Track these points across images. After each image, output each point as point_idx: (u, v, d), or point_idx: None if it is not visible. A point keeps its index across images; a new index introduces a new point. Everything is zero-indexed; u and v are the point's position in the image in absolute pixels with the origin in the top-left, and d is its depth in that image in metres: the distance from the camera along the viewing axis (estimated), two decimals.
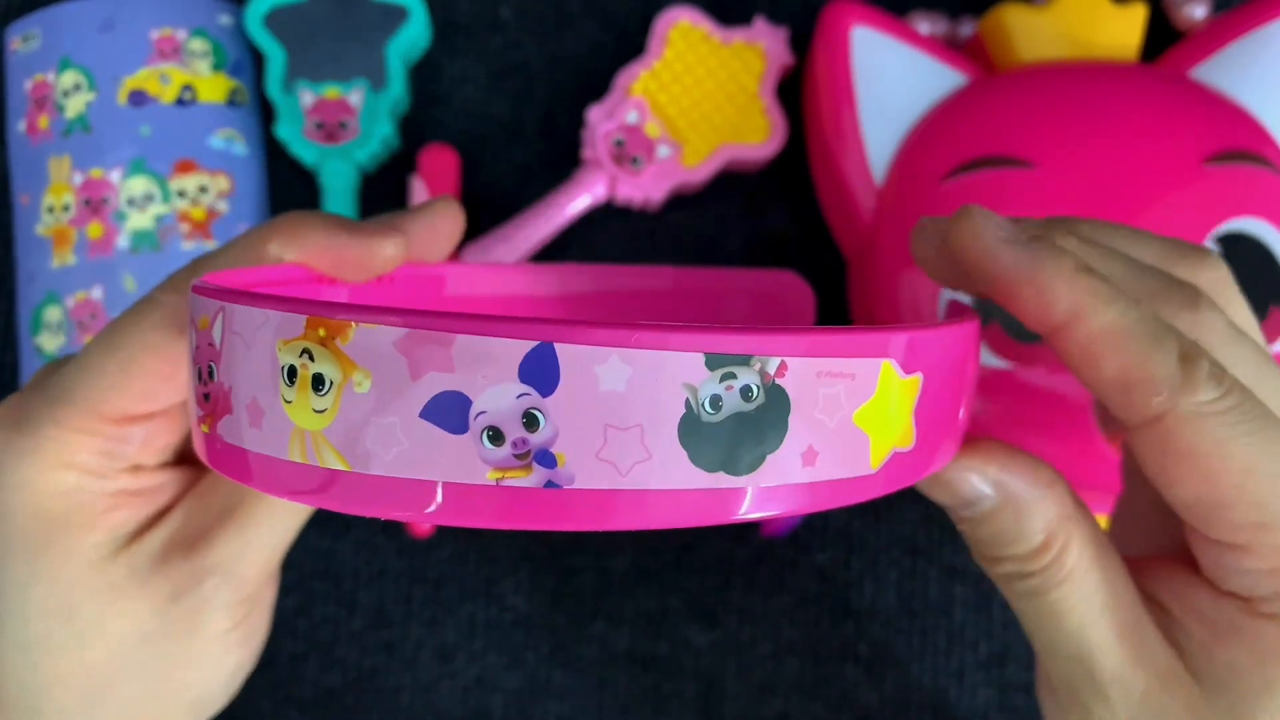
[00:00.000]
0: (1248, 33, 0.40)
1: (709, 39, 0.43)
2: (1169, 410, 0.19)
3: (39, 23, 0.43)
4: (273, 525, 0.24)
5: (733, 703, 0.41)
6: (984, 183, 0.37)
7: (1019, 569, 0.22)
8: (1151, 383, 0.19)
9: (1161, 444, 0.20)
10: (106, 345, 0.23)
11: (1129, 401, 0.20)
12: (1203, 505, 0.20)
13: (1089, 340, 0.20)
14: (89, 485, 0.23)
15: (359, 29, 0.43)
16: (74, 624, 0.23)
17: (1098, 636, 0.21)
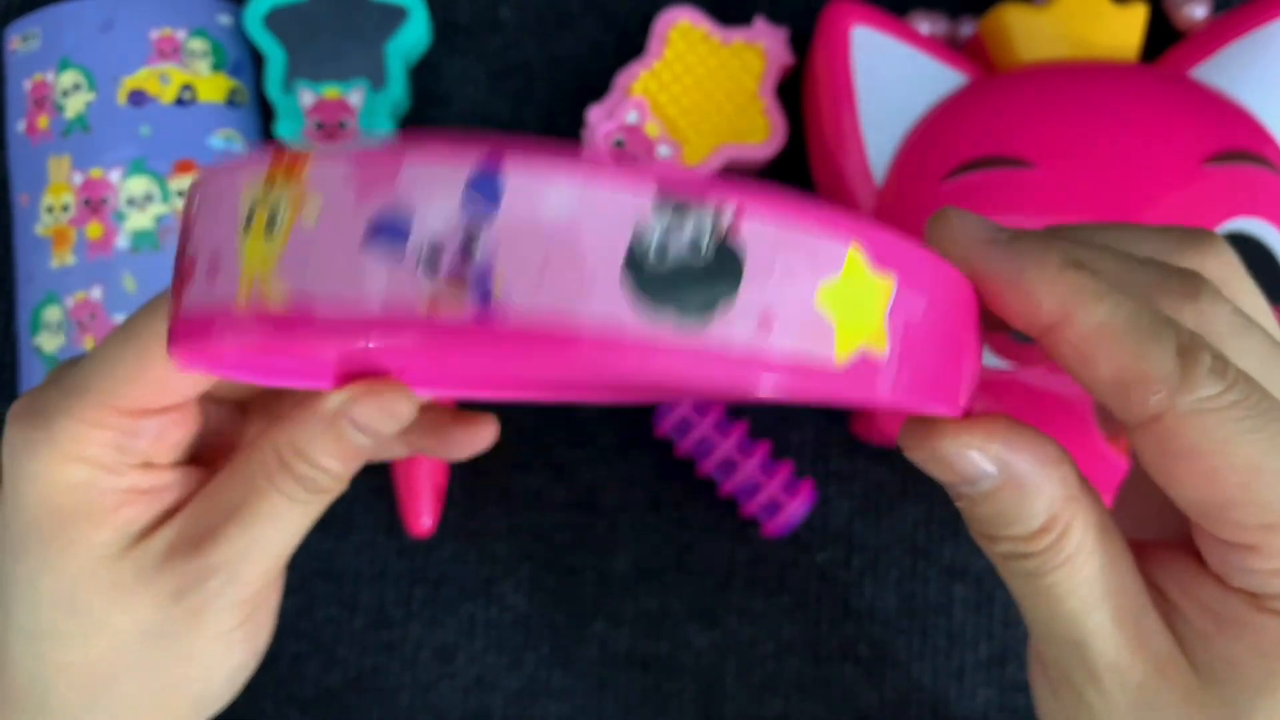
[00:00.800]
0: (1248, 33, 0.40)
1: (709, 39, 0.43)
2: (1168, 409, 0.18)
3: (38, 22, 0.43)
4: (277, 524, 0.24)
5: (733, 703, 0.41)
6: (984, 183, 0.37)
7: (1017, 549, 0.20)
8: (1149, 381, 0.18)
9: (1162, 444, 0.19)
10: (122, 338, 0.23)
11: (1126, 402, 0.19)
12: (1207, 505, 0.20)
13: (1080, 340, 0.19)
14: (100, 480, 0.24)
15: (359, 29, 0.43)
16: (79, 618, 0.24)
17: (1095, 622, 0.21)
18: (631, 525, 0.42)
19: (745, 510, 0.41)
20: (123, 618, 0.24)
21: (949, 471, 0.20)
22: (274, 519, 0.24)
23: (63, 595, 0.24)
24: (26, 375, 0.42)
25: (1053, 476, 0.20)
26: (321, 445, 0.23)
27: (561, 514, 0.42)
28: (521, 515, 0.42)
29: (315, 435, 0.23)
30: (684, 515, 0.42)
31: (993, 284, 0.19)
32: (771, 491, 0.40)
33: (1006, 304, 0.19)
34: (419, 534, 0.41)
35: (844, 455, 0.43)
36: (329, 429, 0.23)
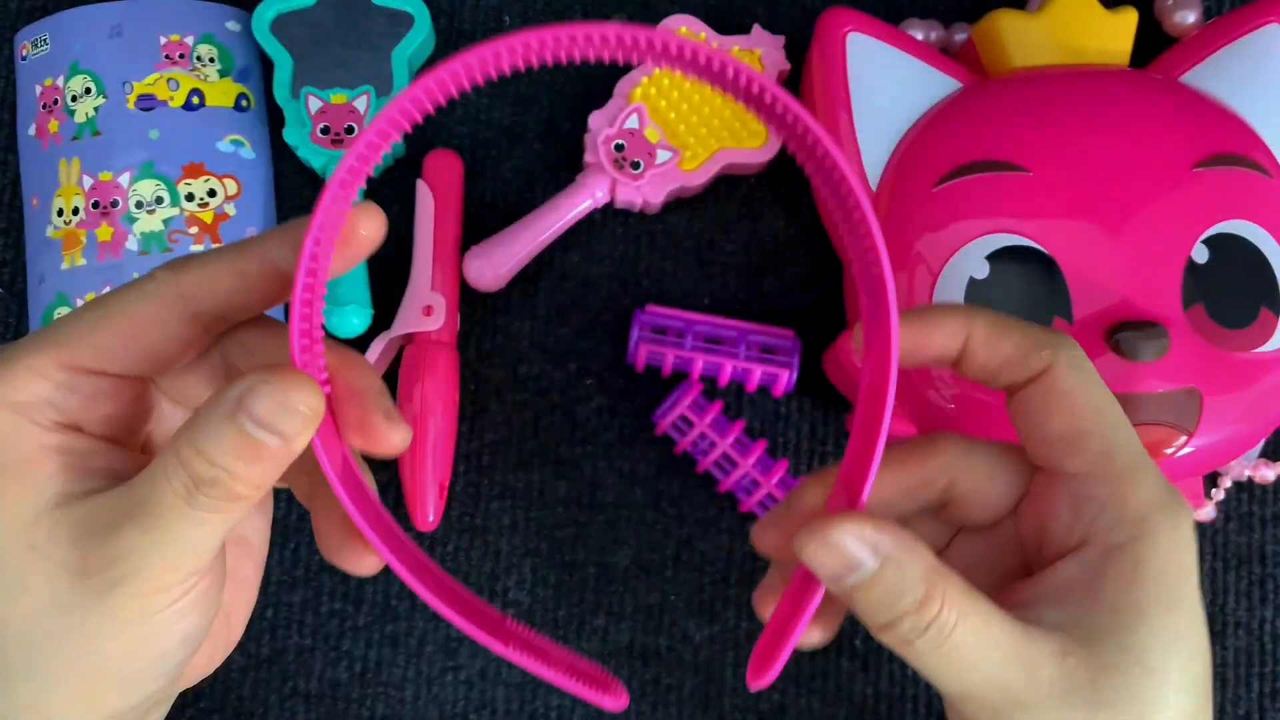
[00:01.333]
0: (1238, 38, 0.40)
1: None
2: (1052, 363, 0.25)
3: (49, 28, 0.44)
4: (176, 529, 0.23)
5: (731, 696, 0.42)
6: (977, 187, 0.37)
7: (915, 622, 0.24)
8: (1039, 344, 0.25)
9: (1047, 388, 0.25)
10: (94, 302, 0.24)
11: (1023, 364, 0.26)
12: (1067, 437, 0.25)
13: (986, 334, 0.26)
14: (25, 430, 0.23)
15: (365, 35, 0.43)
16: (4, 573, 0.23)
17: (1001, 654, 0.24)
18: (632, 521, 0.43)
19: (743, 506, 0.42)
20: (38, 581, 0.23)
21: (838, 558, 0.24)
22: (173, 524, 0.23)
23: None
24: None
25: (915, 548, 0.24)
26: (219, 442, 0.22)
27: (563, 510, 0.43)
28: (523, 511, 0.43)
29: (214, 430, 0.22)
30: (683, 511, 0.43)
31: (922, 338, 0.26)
32: (768, 489, 0.41)
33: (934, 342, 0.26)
34: (423, 529, 0.42)
35: (839, 452, 0.43)
36: (229, 424, 0.22)
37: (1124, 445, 0.25)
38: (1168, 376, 0.35)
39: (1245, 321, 0.36)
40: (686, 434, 0.42)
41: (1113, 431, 0.25)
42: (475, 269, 0.42)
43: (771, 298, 0.44)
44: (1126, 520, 0.25)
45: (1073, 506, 0.26)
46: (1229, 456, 0.37)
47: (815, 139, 0.23)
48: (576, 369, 0.44)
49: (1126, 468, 0.25)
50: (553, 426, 0.43)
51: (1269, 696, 0.42)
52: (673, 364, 0.42)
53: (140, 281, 0.24)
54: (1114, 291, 0.36)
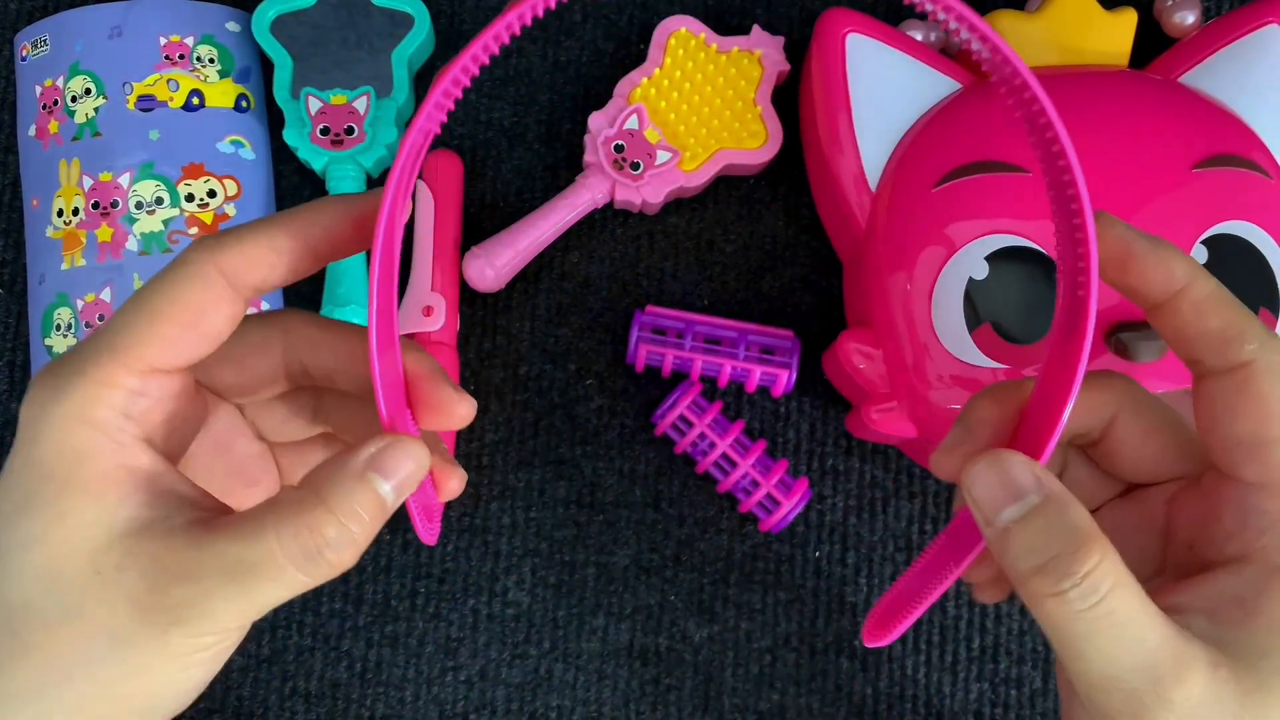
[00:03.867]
0: (1237, 39, 0.40)
1: (707, 47, 0.43)
2: (1255, 359, 0.24)
3: (49, 29, 0.44)
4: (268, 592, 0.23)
5: (731, 695, 0.42)
6: (977, 188, 0.37)
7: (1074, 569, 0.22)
8: (1246, 335, 0.24)
9: (1240, 385, 0.24)
10: (135, 301, 0.24)
11: (1225, 349, 0.24)
12: (1252, 443, 0.24)
13: (1200, 299, 0.24)
14: (101, 448, 0.23)
15: (365, 36, 0.43)
16: (57, 597, 0.23)
17: (1155, 638, 0.23)
18: (632, 521, 0.43)
19: (742, 507, 0.42)
20: (96, 608, 0.23)
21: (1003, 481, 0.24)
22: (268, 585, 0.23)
23: (48, 569, 0.23)
24: None
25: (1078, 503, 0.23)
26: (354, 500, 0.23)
27: (563, 510, 0.43)
28: (523, 512, 0.43)
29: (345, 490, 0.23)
30: (683, 512, 0.43)
31: (1142, 262, 0.25)
32: (767, 489, 0.41)
33: (1148, 275, 0.25)
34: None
35: (839, 453, 0.43)
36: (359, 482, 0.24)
37: None
38: (1167, 377, 0.36)
39: None
40: (686, 434, 0.42)
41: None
42: (475, 269, 0.42)
43: (771, 298, 0.44)
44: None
45: (1240, 516, 0.25)
46: None
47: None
48: (576, 369, 0.44)
49: None
50: (553, 426, 0.43)
51: None
52: (672, 364, 0.42)
53: (176, 267, 0.24)
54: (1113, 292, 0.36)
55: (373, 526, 0.24)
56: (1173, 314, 0.25)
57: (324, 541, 0.23)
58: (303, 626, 0.42)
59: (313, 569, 0.23)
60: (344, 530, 0.23)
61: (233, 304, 0.25)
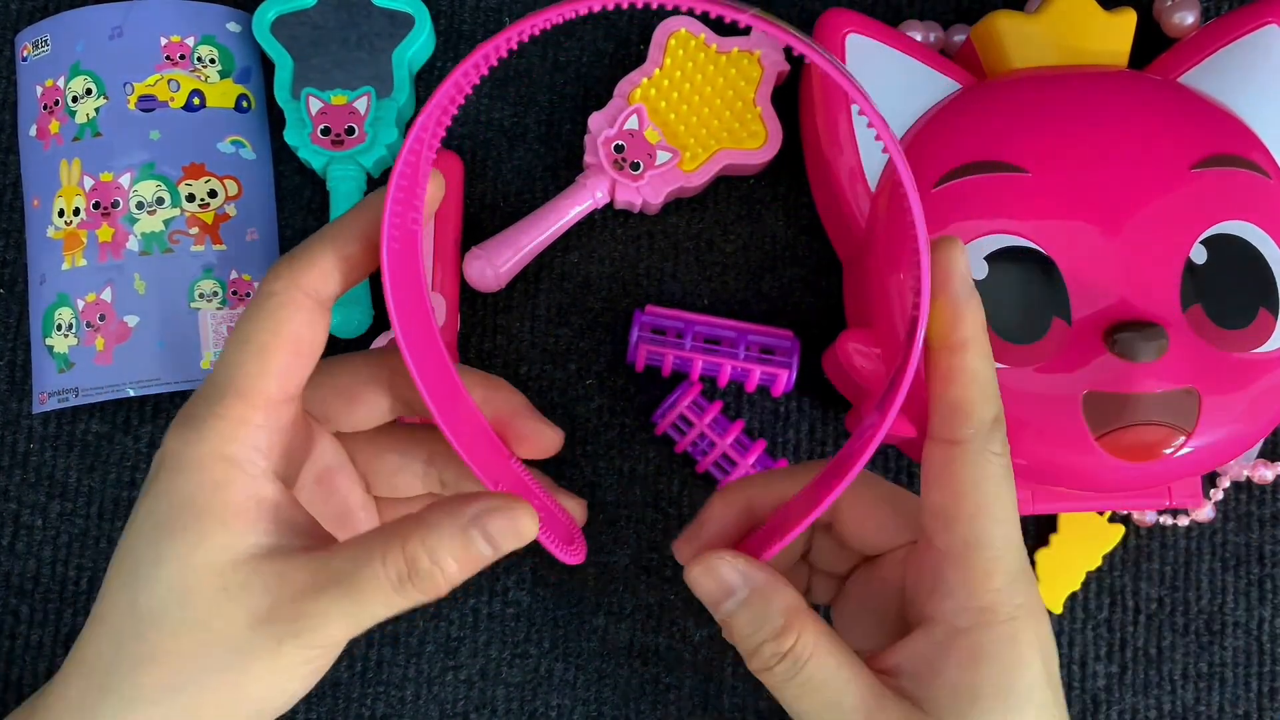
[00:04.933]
0: (1236, 39, 0.40)
1: (707, 47, 0.43)
2: (968, 442, 0.26)
3: (50, 29, 0.44)
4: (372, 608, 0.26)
5: (731, 695, 0.42)
6: (976, 188, 0.37)
7: (774, 649, 0.26)
8: (971, 419, 0.26)
9: (946, 459, 0.26)
10: (238, 343, 0.27)
11: (950, 421, 0.26)
12: (944, 515, 0.27)
13: (956, 368, 0.26)
14: (236, 481, 0.26)
15: (365, 36, 0.43)
16: (187, 610, 0.25)
17: (851, 700, 0.26)
18: (632, 521, 0.43)
19: None
20: (220, 621, 0.25)
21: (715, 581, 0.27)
22: (371, 601, 0.26)
23: (180, 585, 0.25)
24: (39, 375, 0.43)
25: (782, 589, 0.27)
26: (449, 547, 0.26)
27: None
28: None
29: (446, 537, 0.26)
30: (683, 511, 0.43)
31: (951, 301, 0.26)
32: None
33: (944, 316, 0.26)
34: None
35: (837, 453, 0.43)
36: (461, 534, 0.26)
37: (993, 540, 0.26)
38: (1166, 377, 0.36)
39: (1243, 322, 0.36)
40: (686, 434, 0.42)
41: (986, 526, 0.26)
42: (475, 269, 0.42)
43: (771, 298, 0.44)
44: (970, 608, 0.26)
45: (932, 580, 0.27)
46: (1227, 456, 0.38)
47: None
48: (576, 369, 0.44)
49: (986, 560, 0.26)
50: None
51: (1267, 696, 0.42)
52: (672, 364, 0.42)
53: (266, 299, 0.27)
54: (1112, 292, 0.36)
55: (465, 572, 0.26)
56: (934, 367, 0.27)
57: (415, 573, 0.26)
58: None
59: (405, 593, 0.26)
60: (435, 570, 0.26)
61: (324, 319, 0.27)
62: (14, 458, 0.43)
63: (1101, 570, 0.43)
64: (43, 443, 0.43)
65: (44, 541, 0.43)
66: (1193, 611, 0.43)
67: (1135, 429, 0.36)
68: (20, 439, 0.43)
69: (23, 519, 0.43)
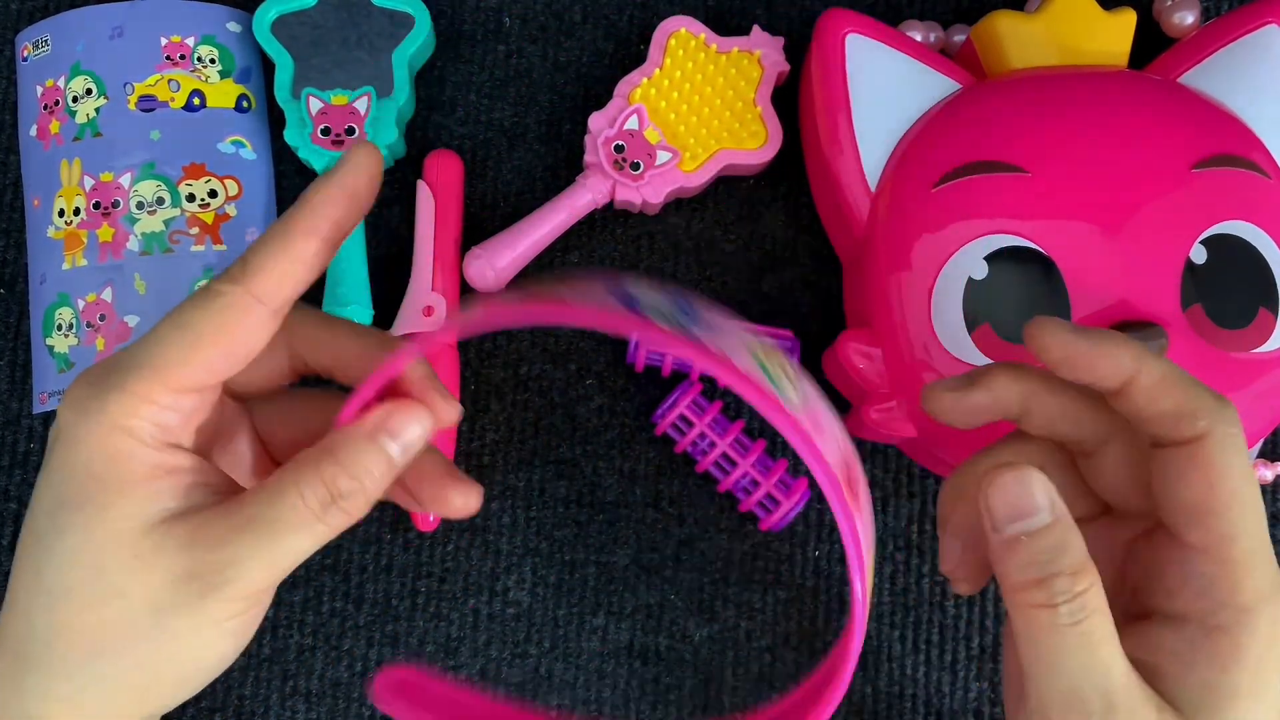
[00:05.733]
0: (1236, 39, 0.40)
1: (707, 47, 0.43)
2: (1209, 432, 0.25)
3: (50, 29, 0.44)
4: (293, 541, 0.26)
5: (731, 695, 0.42)
6: (976, 188, 0.37)
7: (1068, 588, 0.25)
8: (1199, 412, 0.25)
9: (1191, 455, 0.26)
10: (174, 324, 0.26)
11: (1179, 425, 0.26)
12: (1197, 510, 0.26)
13: (1151, 384, 0.26)
14: (136, 452, 0.26)
15: (365, 36, 0.43)
16: (99, 581, 0.25)
17: (1119, 669, 0.25)
18: (632, 521, 0.43)
19: (743, 506, 0.42)
20: (137, 587, 0.25)
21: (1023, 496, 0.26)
22: (290, 534, 0.26)
23: (88, 558, 0.25)
24: (39, 375, 0.43)
25: (1080, 533, 0.25)
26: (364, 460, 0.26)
27: (563, 510, 0.43)
28: (524, 511, 0.43)
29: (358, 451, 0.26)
30: (683, 511, 0.43)
31: (1086, 359, 0.26)
32: (767, 489, 0.41)
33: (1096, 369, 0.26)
34: (424, 529, 0.42)
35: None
36: (370, 443, 0.26)
37: (1250, 532, 0.26)
38: None
39: (1243, 322, 0.36)
40: (686, 434, 0.42)
41: (1241, 516, 0.26)
42: (476, 269, 0.42)
43: (771, 298, 0.44)
44: (1231, 606, 0.25)
45: (1182, 576, 0.26)
46: None
47: None
48: (576, 369, 0.44)
49: (1245, 554, 0.25)
50: (553, 426, 0.43)
51: None
52: (673, 364, 0.42)
53: (212, 296, 0.26)
54: (1112, 292, 0.36)
55: (382, 482, 0.27)
56: (1127, 400, 0.26)
57: (338, 493, 0.26)
58: (304, 626, 0.42)
59: (330, 518, 0.26)
60: (355, 484, 0.26)
61: (271, 324, 0.27)
62: (14, 457, 0.43)
63: None
64: (43, 443, 0.43)
65: None
66: None
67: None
68: (20, 439, 0.43)
69: (23, 518, 0.43)
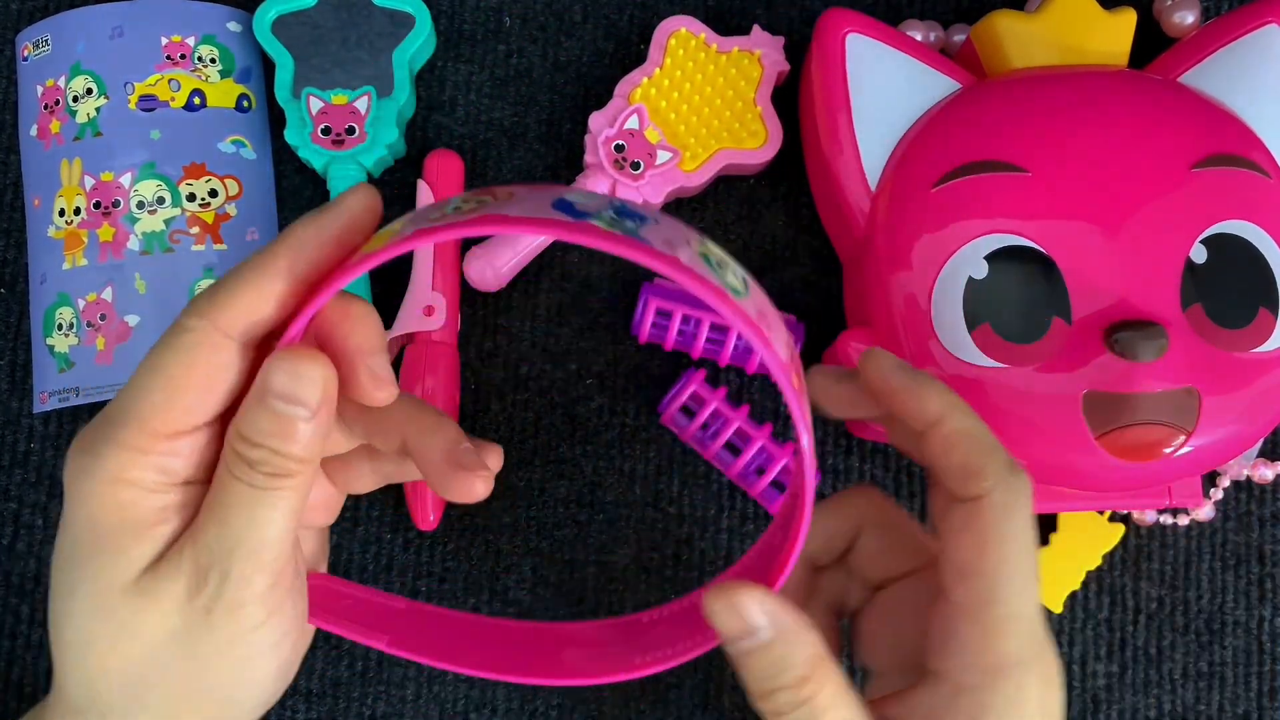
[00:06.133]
0: (1237, 39, 0.40)
1: (707, 47, 0.43)
2: (987, 494, 0.26)
3: (50, 29, 0.44)
4: (246, 514, 0.25)
5: (731, 694, 0.42)
6: (976, 187, 0.37)
7: (791, 698, 0.25)
8: (984, 473, 0.26)
9: (969, 517, 0.26)
10: (148, 370, 0.25)
11: (965, 482, 0.26)
12: (963, 570, 0.26)
13: (948, 434, 0.26)
14: (143, 500, 0.25)
15: (365, 36, 0.43)
16: (112, 624, 0.25)
17: None
18: (631, 521, 0.43)
19: (753, 491, 0.41)
20: (151, 622, 0.25)
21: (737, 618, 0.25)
22: (240, 508, 0.25)
23: (98, 604, 0.25)
24: (39, 375, 0.43)
25: (809, 634, 0.26)
26: (255, 421, 0.25)
27: (563, 509, 0.43)
28: (524, 510, 0.43)
29: (251, 416, 0.25)
30: (683, 511, 0.43)
31: (900, 394, 0.27)
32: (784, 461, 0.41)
33: (906, 408, 0.27)
34: (424, 528, 0.42)
35: (839, 453, 0.43)
36: (259, 406, 0.25)
37: (1010, 598, 0.26)
38: (1166, 376, 0.36)
39: (1243, 321, 0.36)
40: (697, 415, 0.41)
41: (1004, 583, 0.26)
42: (476, 269, 0.42)
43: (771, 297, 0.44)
44: (980, 666, 0.26)
45: (945, 634, 0.27)
46: (1227, 456, 0.38)
47: None
48: (577, 368, 0.44)
49: (1001, 618, 0.26)
50: (553, 426, 0.43)
51: (1267, 695, 0.42)
52: (676, 336, 0.41)
53: (180, 334, 0.25)
54: (1113, 291, 0.36)
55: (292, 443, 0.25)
56: (926, 445, 0.27)
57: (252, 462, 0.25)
58: None
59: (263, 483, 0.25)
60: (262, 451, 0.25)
61: (241, 357, 0.26)
62: (14, 457, 0.43)
63: (1101, 570, 0.43)
64: (43, 442, 0.43)
65: (44, 541, 0.43)
66: (1192, 611, 0.43)
67: (1135, 428, 0.36)
68: (20, 438, 0.43)
69: (23, 518, 0.43)
